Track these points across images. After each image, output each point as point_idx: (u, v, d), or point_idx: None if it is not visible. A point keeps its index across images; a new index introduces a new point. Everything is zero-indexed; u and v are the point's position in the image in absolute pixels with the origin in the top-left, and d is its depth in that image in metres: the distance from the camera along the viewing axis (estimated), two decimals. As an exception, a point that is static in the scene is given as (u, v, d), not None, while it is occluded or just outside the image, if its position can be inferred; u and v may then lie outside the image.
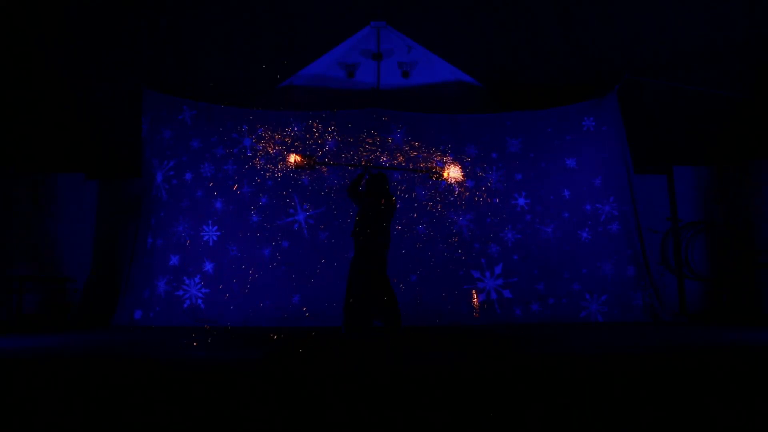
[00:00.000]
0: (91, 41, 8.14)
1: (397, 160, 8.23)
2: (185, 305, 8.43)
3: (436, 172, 6.70)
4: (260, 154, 8.76)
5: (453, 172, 6.62)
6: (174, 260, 8.55)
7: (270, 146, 8.67)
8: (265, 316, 8.29)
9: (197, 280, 8.49)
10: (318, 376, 4.05)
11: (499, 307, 8.57)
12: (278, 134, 8.72)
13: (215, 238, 8.62)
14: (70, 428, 2.75)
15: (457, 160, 7.81)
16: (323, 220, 8.60)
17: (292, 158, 6.67)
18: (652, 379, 3.87)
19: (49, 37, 7.98)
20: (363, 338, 5.98)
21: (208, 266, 8.54)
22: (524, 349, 5.42)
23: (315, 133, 8.64)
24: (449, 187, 8.26)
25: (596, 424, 2.76)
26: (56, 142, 9.19)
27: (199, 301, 8.44)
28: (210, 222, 8.65)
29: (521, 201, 8.86)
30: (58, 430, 2.75)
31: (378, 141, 8.49)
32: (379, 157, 8.31)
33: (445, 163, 6.71)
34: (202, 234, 8.62)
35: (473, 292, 7.99)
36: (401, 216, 8.08)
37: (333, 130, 8.63)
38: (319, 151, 7.99)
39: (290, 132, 8.75)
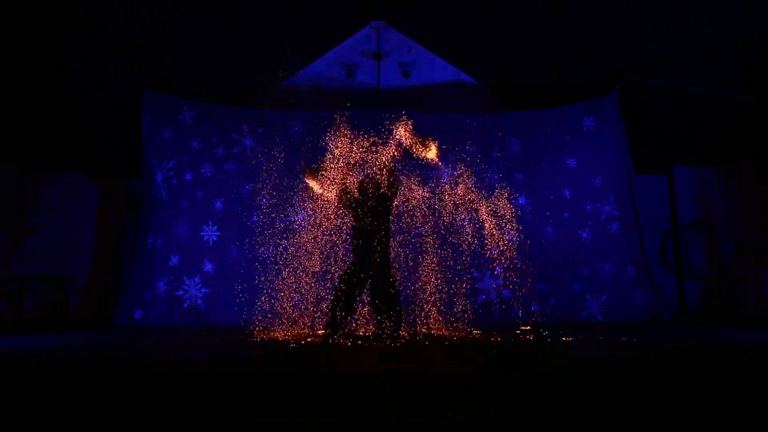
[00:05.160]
0: (91, 41, 8.14)
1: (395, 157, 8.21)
2: (185, 305, 8.43)
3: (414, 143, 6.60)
4: (261, 154, 8.75)
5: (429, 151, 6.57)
6: (174, 260, 8.55)
7: (270, 146, 8.66)
8: (265, 316, 8.28)
9: (197, 280, 8.49)
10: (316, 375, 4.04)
11: (499, 307, 8.56)
12: (279, 134, 8.72)
13: (215, 238, 8.62)
14: (70, 428, 2.75)
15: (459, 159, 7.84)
16: (323, 219, 8.59)
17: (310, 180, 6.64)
18: (651, 378, 3.86)
19: (49, 37, 7.98)
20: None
21: (208, 266, 8.53)
22: (524, 348, 5.43)
23: (315, 133, 8.63)
24: (450, 185, 8.26)
25: (596, 422, 2.76)
26: (56, 142, 9.20)
27: (199, 301, 8.44)
28: (210, 222, 8.65)
29: (521, 201, 8.86)
30: (58, 430, 2.75)
31: (378, 141, 8.46)
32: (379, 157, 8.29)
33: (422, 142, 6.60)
34: (202, 234, 8.62)
35: None
36: (401, 215, 8.07)
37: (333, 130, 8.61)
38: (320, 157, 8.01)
39: (291, 132, 8.75)
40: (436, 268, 8.19)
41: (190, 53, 8.67)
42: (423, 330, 6.65)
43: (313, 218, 6.90)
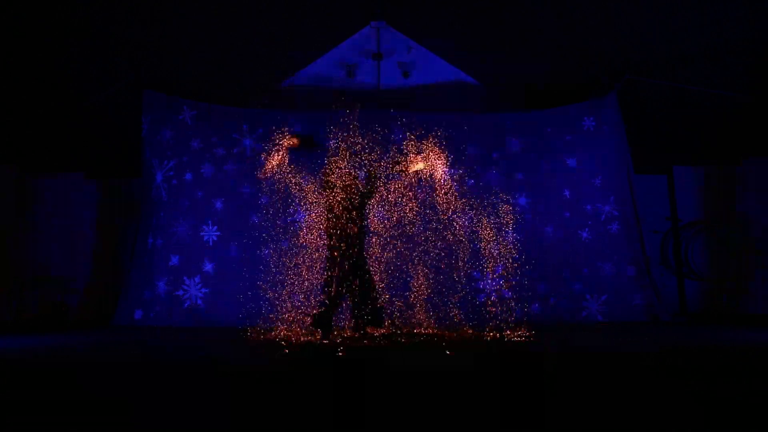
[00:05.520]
0: (91, 41, 8.14)
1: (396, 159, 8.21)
2: (185, 305, 8.42)
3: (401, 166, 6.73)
4: (261, 154, 8.75)
5: (418, 165, 6.68)
6: (174, 260, 8.55)
7: (270, 146, 8.67)
8: (265, 316, 8.28)
9: (197, 280, 8.48)
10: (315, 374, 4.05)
11: (499, 307, 8.55)
12: (279, 134, 8.72)
13: (215, 238, 8.61)
14: (70, 428, 2.75)
15: (456, 160, 7.88)
16: (323, 219, 8.58)
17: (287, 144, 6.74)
18: (651, 378, 3.87)
19: (50, 38, 7.98)
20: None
21: (208, 266, 8.53)
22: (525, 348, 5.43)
23: (315, 133, 8.66)
24: (447, 186, 8.29)
25: (596, 422, 2.77)
26: (56, 142, 9.20)
27: (199, 301, 8.43)
28: (210, 222, 8.64)
29: (522, 200, 8.86)
30: (58, 430, 2.75)
31: (379, 141, 8.46)
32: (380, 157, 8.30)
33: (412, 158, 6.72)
34: (202, 234, 8.62)
35: None
36: (401, 215, 8.07)
37: (333, 130, 8.63)
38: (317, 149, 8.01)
39: (291, 132, 8.74)
40: (437, 268, 8.21)
41: (190, 53, 8.66)
42: (419, 329, 6.66)
43: (314, 218, 6.90)
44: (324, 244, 6.68)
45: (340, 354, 5.13)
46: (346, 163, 6.53)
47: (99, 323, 8.44)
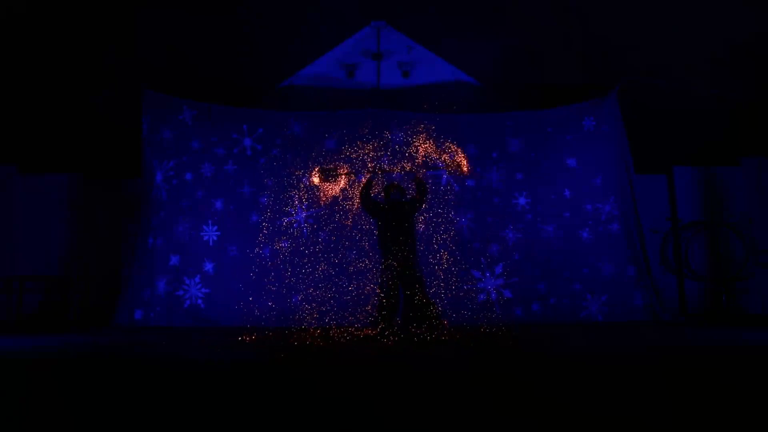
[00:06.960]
0: (91, 41, 8.14)
1: (397, 159, 8.22)
2: (185, 305, 8.43)
3: (450, 167, 6.90)
4: (260, 154, 8.78)
5: (459, 166, 6.84)
6: (174, 260, 8.56)
7: (270, 146, 8.71)
8: (265, 316, 8.29)
9: (197, 280, 8.49)
10: (319, 374, 4.05)
11: (500, 307, 8.57)
12: (279, 134, 8.78)
13: (215, 238, 8.62)
14: (70, 428, 2.76)
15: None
16: (323, 219, 8.61)
17: (316, 178, 6.94)
18: (651, 378, 3.87)
19: (49, 38, 7.99)
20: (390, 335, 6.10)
21: (208, 266, 8.54)
22: (525, 349, 5.43)
23: (315, 133, 8.71)
24: (449, 185, 8.35)
25: (596, 422, 2.77)
26: (56, 142, 9.20)
27: (199, 301, 8.44)
28: (210, 222, 8.66)
29: (522, 200, 8.87)
30: (58, 430, 2.75)
31: (379, 141, 8.49)
32: (380, 157, 8.31)
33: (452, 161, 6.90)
34: (202, 234, 8.63)
35: None
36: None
37: (333, 130, 8.67)
38: (322, 151, 8.09)
39: (291, 132, 8.78)
40: (437, 268, 8.21)
41: (190, 53, 8.66)
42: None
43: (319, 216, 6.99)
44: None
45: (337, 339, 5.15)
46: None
47: (99, 323, 8.45)
